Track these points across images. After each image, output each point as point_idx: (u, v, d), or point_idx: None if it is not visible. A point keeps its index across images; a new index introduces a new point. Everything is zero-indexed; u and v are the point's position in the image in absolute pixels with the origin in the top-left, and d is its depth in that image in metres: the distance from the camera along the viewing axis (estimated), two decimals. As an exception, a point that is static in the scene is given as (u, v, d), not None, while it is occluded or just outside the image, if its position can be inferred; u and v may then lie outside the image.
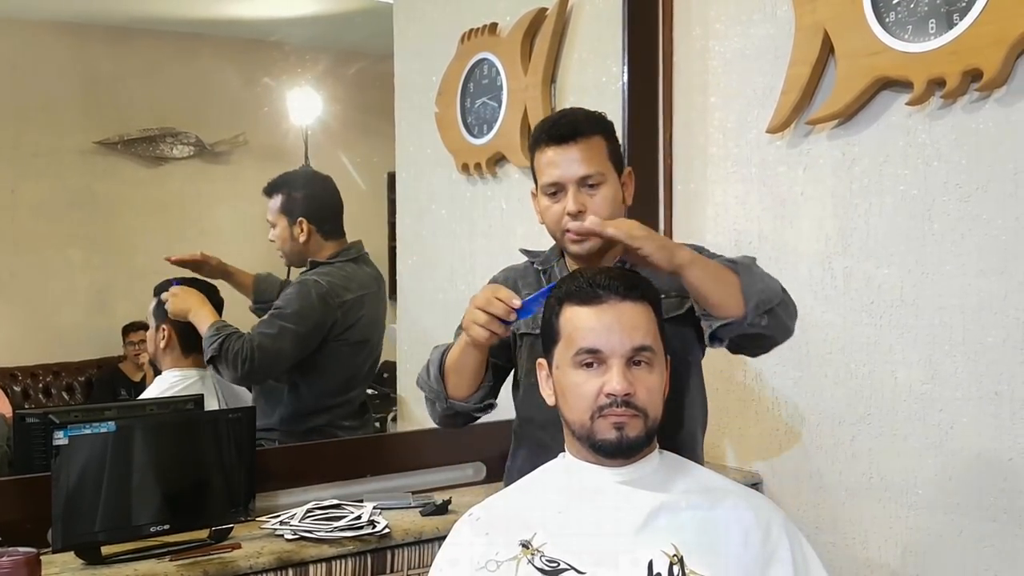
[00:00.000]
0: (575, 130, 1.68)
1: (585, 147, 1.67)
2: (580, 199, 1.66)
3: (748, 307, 1.57)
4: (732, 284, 1.58)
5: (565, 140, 1.67)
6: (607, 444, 1.38)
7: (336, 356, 2.48)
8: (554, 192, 1.68)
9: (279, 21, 3.57)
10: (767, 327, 1.60)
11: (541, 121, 1.77)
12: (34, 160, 3.14)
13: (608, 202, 1.68)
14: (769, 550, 1.39)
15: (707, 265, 1.59)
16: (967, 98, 1.98)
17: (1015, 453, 1.93)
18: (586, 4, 2.74)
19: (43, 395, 3.16)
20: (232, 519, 1.91)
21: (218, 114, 3.44)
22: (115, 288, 3.30)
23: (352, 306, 2.48)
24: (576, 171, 1.66)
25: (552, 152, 1.68)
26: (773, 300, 1.60)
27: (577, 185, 1.66)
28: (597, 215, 1.64)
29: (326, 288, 2.44)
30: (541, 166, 1.70)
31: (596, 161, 1.68)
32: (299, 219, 2.51)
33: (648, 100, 2.60)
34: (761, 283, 1.61)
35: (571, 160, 1.67)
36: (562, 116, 1.75)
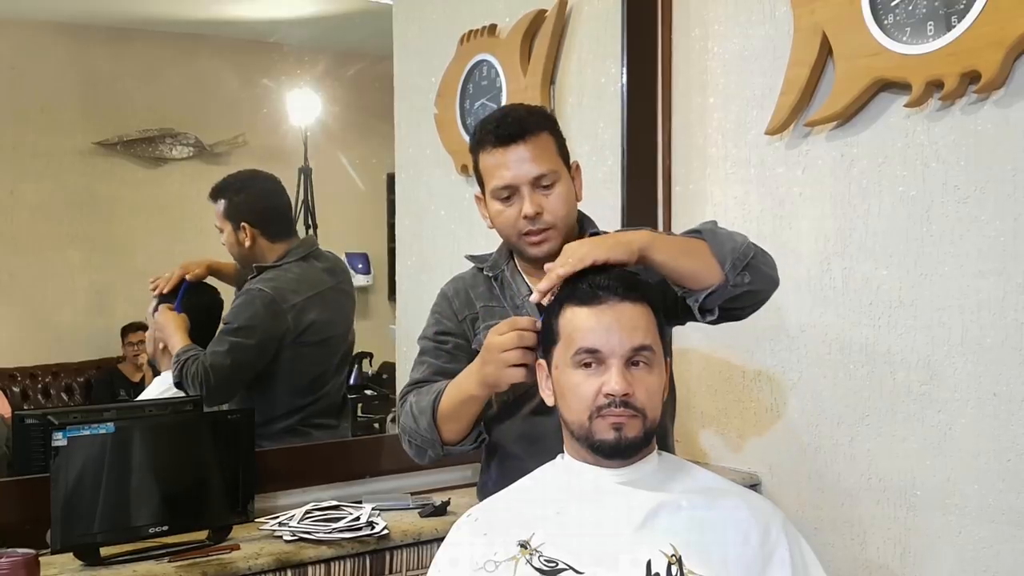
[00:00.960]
0: (522, 128, 1.62)
1: (534, 145, 1.62)
2: (536, 200, 1.61)
3: (725, 269, 1.53)
4: (701, 251, 1.54)
5: (513, 139, 1.61)
6: (606, 444, 1.38)
7: (296, 359, 2.42)
8: (507, 196, 1.63)
9: (278, 22, 3.57)
10: (751, 283, 1.56)
11: (482, 121, 1.69)
12: (33, 161, 3.14)
13: (563, 200, 1.63)
14: (768, 551, 1.40)
15: (669, 241, 1.57)
16: (965, 100, 1.98)
17: (1014, 454, 1.93)
18: (585, 5, 2.74)
19: (42, 396, 3.16)
20: (231, 520, 1.90)
21: (217, 115, 3.44)
22: (114, 289, 3.30)
23: (303, 308, 2.42)
24: (529, 171, 1.61)
25: (500, 153, 1.62)
26: (747, 254, 1.56)
27: (531, 186, 1.61)
28: (554, 214, 1.62)
29: (271, 295, 2.38)
30: (489, 168, 1.65)
31: (547, 159, 1.62)
32: (242, 224, 2.45)
33: (647, 101, 2.61)
34: (730, 242, 1.56)
35: (521, 160, 1.61)
36: (506, 114, 1.68)
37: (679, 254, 1.54)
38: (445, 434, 1.64)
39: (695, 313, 1.60)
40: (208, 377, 2.27)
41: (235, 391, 2.40)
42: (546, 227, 1.63)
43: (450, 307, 1.77)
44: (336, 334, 2.55)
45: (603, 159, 2.69)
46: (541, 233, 1.64)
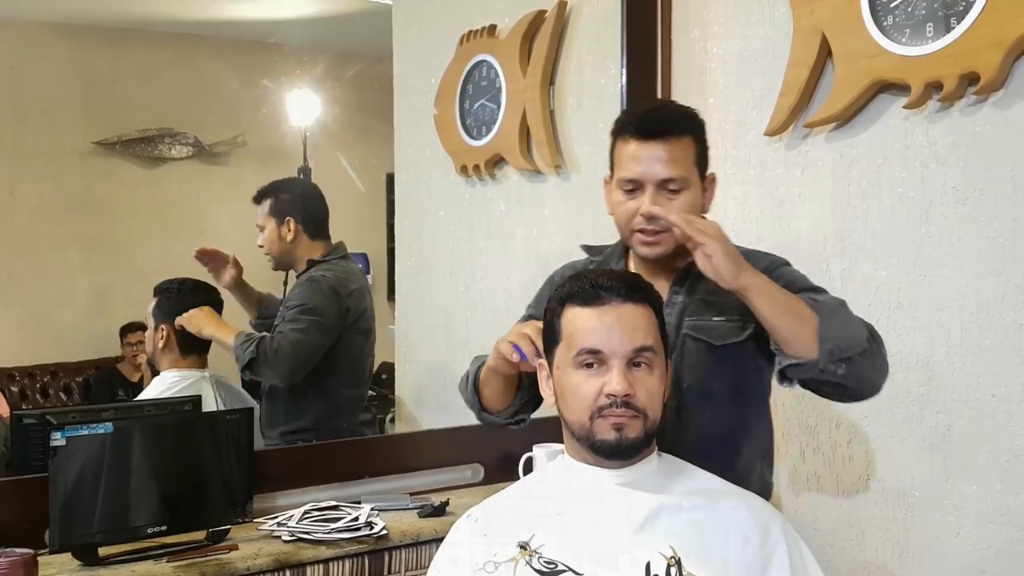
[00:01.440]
0: (665, 128, 1.58)
1: (673, 147, 1.57)
2: (658, 202, 1.57)
3: (821, 351, 1.44)
4: (807, 322, 1.46)
5: (653, 136, 1.57)
6: (606, 445, 1.38)
7: (352, 346, 2.59)
8: (631, 189, 1.59)
9: (278, 22, 3.56)
10: (844, 377, 1.47)
11: (629, 110, 1.67)
12: (32, 161, 3.14)
13: (687, 208, 1.58)
14: (767, 552, 1.40)
15: (778, 295, 1.48)
16: (964, 101, 1.98)
17: (1012, 455, 1.93)
18: (585, 6, 2.75)
19: (41, 396, 3.16)
20: (230, 520, 1.91)
21: (217, 115, 3.44)
22: (113, 289, 3.30)
23: (357, 296, 2.60)
24: (659, 172, 1.57)
25: (636, 146, 1.58)
26: (853, 349, 1.46)
27: (657, 187, 1.57)
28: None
29: (333, 280, 2.55)
30: (621, 158, 1.61)
31: (681, 164, 1.58)
32: (287, 218, 2.61)
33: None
34: (843, 329, 1.46)
35: (655, 159, 1.57)
36: (655, 109, 1.66)
37: (780, 311, 1.47)
38: (484, 400, 1.71)
39: (775, 372, 1.56)
40: (290, 353, 2.43)
41: (309, 368, 2.51)
42: (662, 229, 1.58)
43: (550, 290, 1.74)
44: (373, 328, 2.70)
45: (603, 160, 2.67)
46: (655, 235, 1.59)
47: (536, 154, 2.84)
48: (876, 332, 1.55)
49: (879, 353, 1.52)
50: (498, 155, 2.94)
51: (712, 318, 1.63)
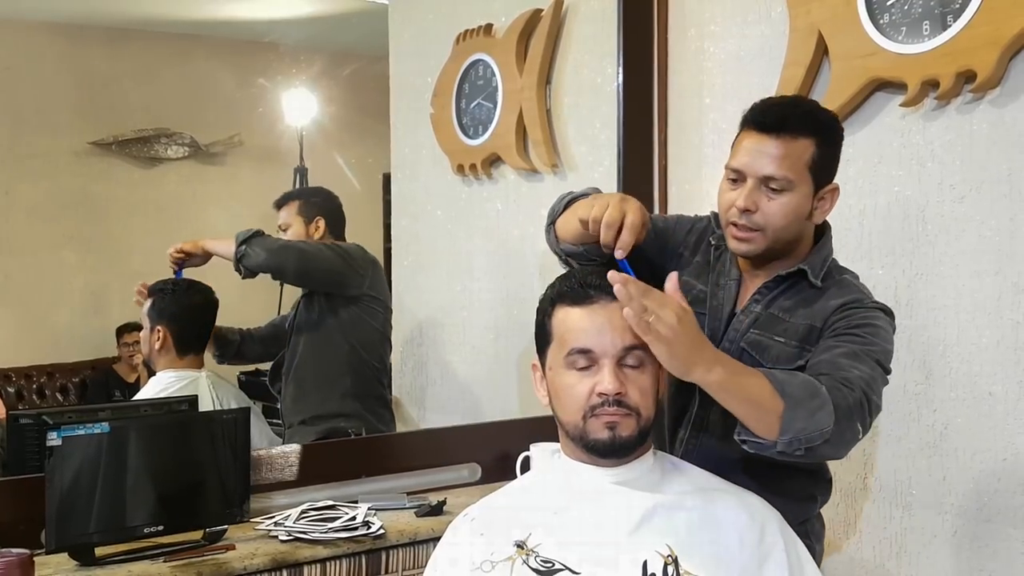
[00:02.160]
0: (782, 124, 1.51)
1: (785, 145, 1.51)
2: (755, 197, 1.52)
3: (780, 441, 1.35)
4: (770, 413, 1.35)
5: (767, 130, 1.52)
6: (600, 444, 1.38)
7: (374, 315, 2.69)
8: (735, 179, 1.55)
9: (274, 22, 3.56)
10: (803, 457, 1.39)
11: (762, 100, 1.60)
12: (28, 161, 3.13)
13: (786, 212, 1.52)
14: (764, 551, 1.40)
15: (736, 388, 1.35)
16: (961, 99, 1.99)
17: (1009, 454, 1.93)
18: (581, 5, 2.75)
19: (37, 396, 3.15)
20: (226, 520, 1.90)
21: (213, 115, 3.43)
22: (109, 289, 3.29)
23: (376, 269, 2.72)
24: (763, 167, 1.51)
25: (749, 138, 1.54)
26: (814, 440, 1.36)
27: (758, 181, 1.52)
28: (767, 219, 1.52)
29: (354, 247, 2.68)
30: (736, 145, 1.57)
31: (790, 164, 1.51)
32: (316, 218, 2.70)
33: (643, 101, 2.61)
34: (806, 421, 1.35)
35: (763, 153, 1.51)
36: (779, 104, 1.59)
37: (741, 402, 1.36)
38: (560, 221, 1.69)
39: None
40: (290, 243, 2.59)
41: (299, 270, 2.61)
42: (754, 228, 1.54)
43: (690, 227, 1.76)
44: (389, 308, 2.79)
45: (599, 159, 2.70)
46: (747, 231, 1.54)
47: (533, 153, 2.84)
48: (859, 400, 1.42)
49: (849, 428, 1.41)
50: (495, 154, 2.94)
51: (774, 337, 1.58)
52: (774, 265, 1.61)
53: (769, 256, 1.58)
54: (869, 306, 1.59)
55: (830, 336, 1.53)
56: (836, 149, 1.58)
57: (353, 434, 2.56)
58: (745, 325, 1.62)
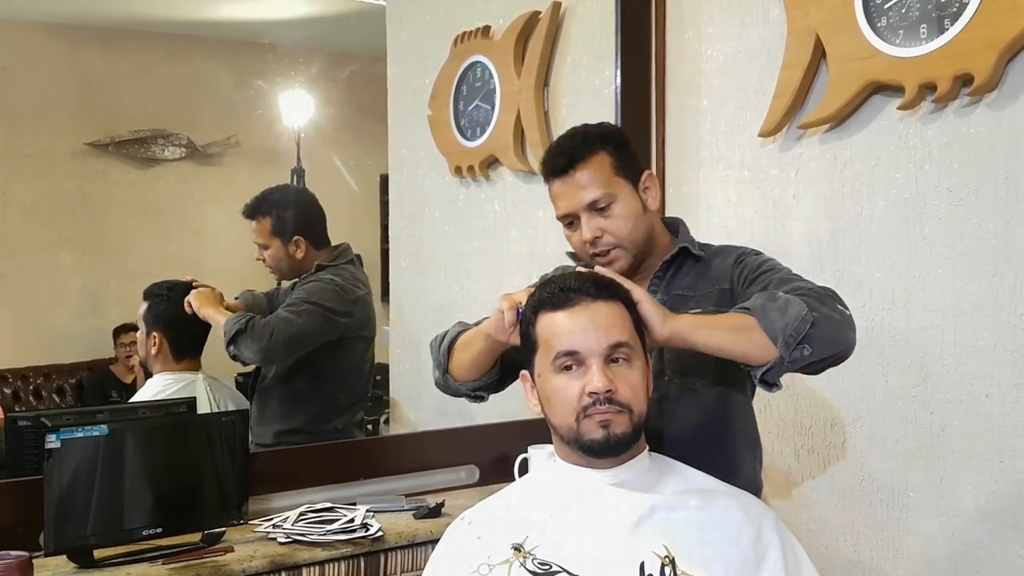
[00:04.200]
0: (571, 158, 1.65)
1: (585, 172, 1.64)
2: (594, 224, 1.65)
3: (779, 347, 1.44)
4: (751, 329, 1.45)
5: (564, 171, 1.66)
6: (595, 443, 1.38)
7: (353, 352, 2.57)
8: (570, 223, 1.69)
9: (272, 23, 3.56)
10: (813, 354, 1.46)
11: (544, 154, 1.74)
12: (25, 162, 3.13)
13: (625, 217, 1.66)
14: (760, 551, 1.40)
15: (717, 322, 1.50)
16: (958, 102, 1.99)
17: (1006, 456, 1.94)
18: (579, 7, 2.75)
19: (33, 397, 3.15)
20: (225, 522, 1.90)
21: (210, 116, 3.43)
22: (106, 290, 3.29)
23: (361, 303, 2.58)
24: (581, 199, 1.64)
25: (556, 185, 1.68)
26: (802, 328, 1.44)
27: (588, 212, 1.65)
28: (615, 234, 1.65)
29: (341, 284, 2.53)
30: (551, 199, 1.70)
31: (599, 182, 1.64)
32: (295, 238, 2.56)
33: (641, 103, 2.61)
34: (782, 317, 1.45)
35: (574, 188, 1.65)
36: (558, 145, 1.71)
37: (725, 333, 1.48)
38: (452, 363, 1.69)
39: (758, 386, 1.56)
40: (276, 332, 2.38)
41: (292, 354, 2.49)
42: (609, 247, 1.67)
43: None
44: (374, 335, 2.69)
45: (597, 161, 2.69)
46: (607, 254, 1.67)
47: (530, 155, 2.84)
48: (821, 292, 1.53)
49: (832, 311, 1.50)
50: (492, 156, 2.94)
51: (690, 311, 1.64)
52: (648, 265, 1.71)
53: (639, 262, 1.70)
54: (755, 252, 1.74)
55: (746, 286, 1.65)
56: (628, 147, 1.71)
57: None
58: None
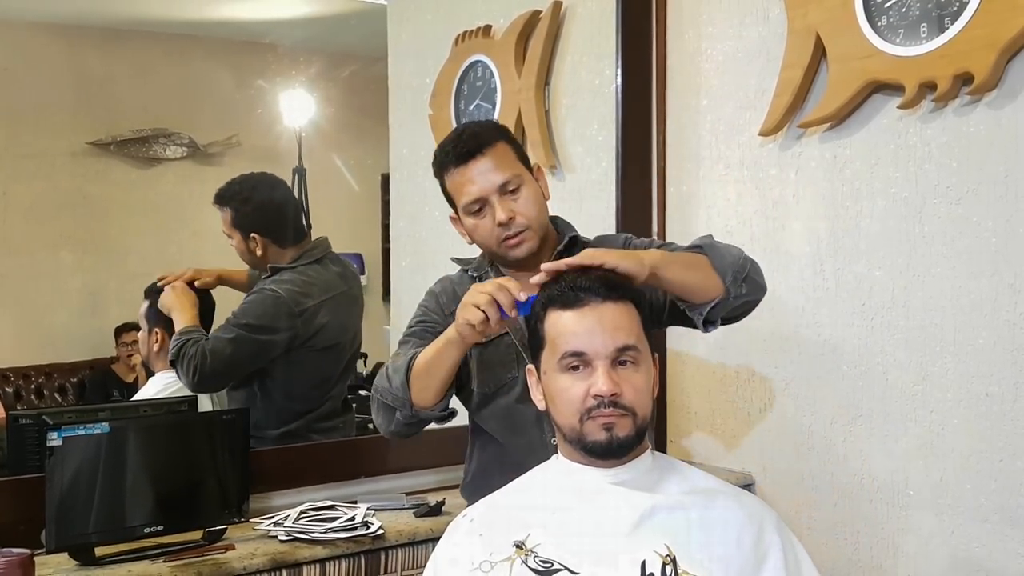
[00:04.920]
0: (479, 143, 1.69)
1: (493, 155, 1.68)
2: (506, 206, 1.67)
3: (727, 282, 1.62)
4: (703, 266, 1.62)
5: (472, 155, 1.68)
6: (598, 445, 1.38)
7: (303, 364, 2.42)
8: (479, 208, 1.69)
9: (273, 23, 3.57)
10: (748, 293, 1.65)
11: (439, 146, 1.75)
12: (26, 162, 3.13)
13: (532, 201, 1.70)
14: (761, 551, 1.40)
15: (675, 258, 1.62)
16: (958, 101, 1.99)
17: (1006, 454, 1.94)
18: (580, 7, 2.75)
19: (35, 396, 3.15)
20: (226, 520, 1.90)
21: (211, 115, 3.44)
22: (107, 289, 3.30)
23: (314, 313, 2.40)
24: (493, 181, 1.67)
25: (463, 171, 1.69)
26: (745, 266, 1.65)
27: (499, 194, 1.67)
28: (526, 215, 1.68)
29: (284, 297, 2.36)
30: (456, 187, 1.71)
31: (508, 165, 1.69)
32: (251, 234, 2.44)
33: (641, 102, 2.61)
34: (728, 256, 1.65)
35: (484, 172, 1.68)
36: (460, 134, 1.74)
37: (684, 270, 1.60)
38: (415, 394, 1.65)
39: (699, 325, 1.67)
40: (205, 361, 2.26)
41: (225, 383, 2.40)
42: (521, 229, 1.69)
43: (437, 303, 1.83)
44: (344, 340, 2.53)
45: (598, 160, 2.70)
46: (518, 235, 1.69)
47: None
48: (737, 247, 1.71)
49: (752, 259, 1.68)
50: (493, 155, 2.94)
51: None
52: (539, 258, 1.70)
53: (539, 250, 1.72)
54: (632, 236, 1.83)
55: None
56: (517, 141, 1.77)
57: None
58: None
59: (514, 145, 1.74)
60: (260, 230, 2.43)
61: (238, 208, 2.46)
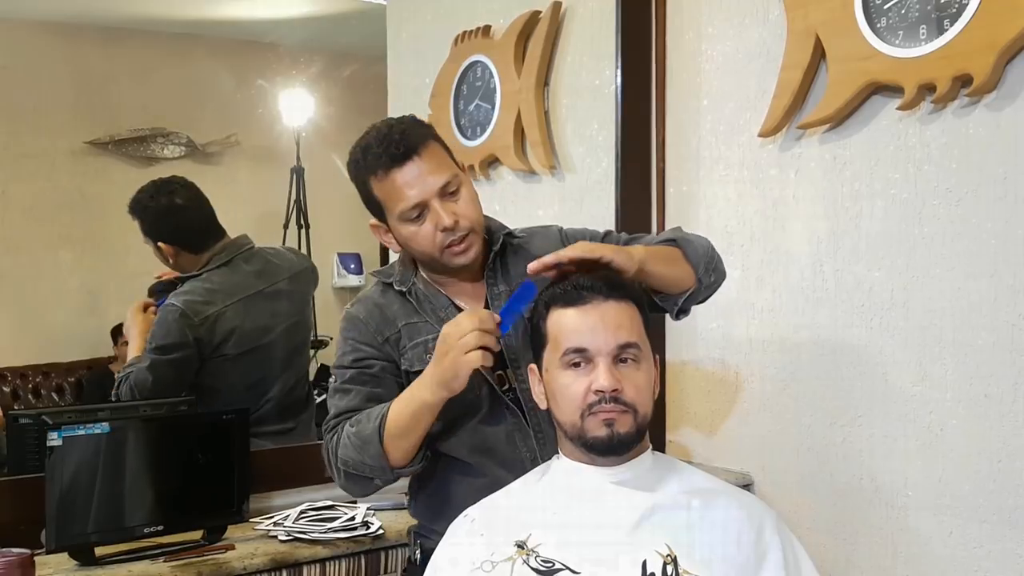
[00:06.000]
0: (412, 143, 1.55)
1: (429, 156, 1.55)
2: (449, 209, 1.55)
3: (699, 273, 1.64)
4: (679, 259, 1.64)
5: (408, 156, 1.54)
6: (599, 442, 1.39)
7: (224, 372, 2.38)
8: (418, 215, 1.56)
9: (272, 22, 3.56)
10: (715, 281, 1.69)
11: (361, 148, 1.59)
12: (24, 161, 3.12)
13: (473, 202, 1.59)
14: (761, 550, 1.40)
15: (657, 253, 1.61)
16: (957, 103, 2.00)
17: (1004, 455, 1.95)
18: (579, 7, 2.75)
19: (33, 396, 3.14)
20: (226, 520, 1.91)
21: (210, 115, 3.43)
22: (106, 289, 3.29)
23: (218, 320, 2.36)
24: (434, 183, 1.54)
25: (396, 175, 1.54)
26: (712, 256, 1.68)
27: (440, 197, 1.55)
28: (469, 218, 1.57)
29: (181, 310, 2.33)
30: (389, 193, 1.56)
31: (446, 165, 1.57)
32: (158, 244, 2.42)
33: (641, 103, 2.62)
34: (700, 247, 1.66)
35: (422, 175, 1.54)
36: (387, 134, 1.57)
37: (665, 264, 1.61)
38: (393, 457, 1.54)
39: (672, 315, 1.70)
40: (134, 395, 2.26)
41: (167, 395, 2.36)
42: (466, 232, 1.58)
43: (366, 330, 1.64)
44: (267, 341, 2.46)
45: (597, 161, 2.70)
46: (463, 241, 1.58)
47: (531, 155, 2.85)
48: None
49: (713, 245, 1.71)
50: (492, 156, 2.94)
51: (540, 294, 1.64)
52: (472, 265, 1.63)
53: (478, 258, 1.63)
54: (561, 227, 1.78)
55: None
56: (441, 138, 1.64)
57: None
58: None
59: (442, 143, 1.61)
60: (165, 238, 2.41)
61: (142, 218, 2.44)
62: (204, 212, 2.49)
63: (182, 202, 2.49)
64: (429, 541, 1.62)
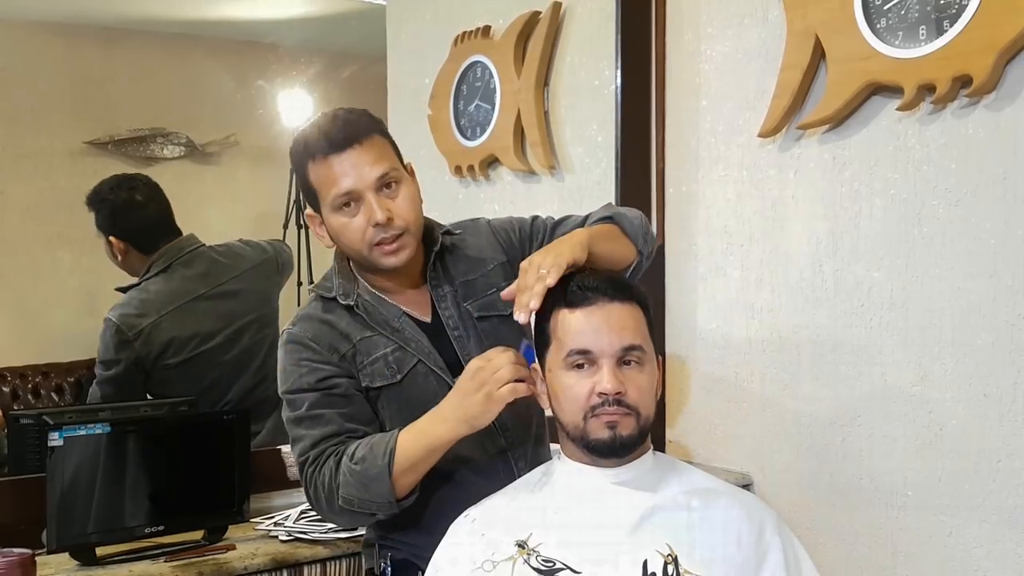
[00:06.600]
0: (354, 131, 1.50)
1: (370, 146, 1.50)
2: (383, 204, 1.49)
3: (639, 245, 1.63)
4: (619, 235, 1.62)
5: (349, 143, 1.49)
6: (601, 443, 1.39)
7: (172, 380, 2.36)
8: (347, 203, 1.49)
9: (272, 23, 3.56)
10: (652, 251, 1.68)
11: (303, 132, 1.54)
12: (23, 161, 3.12)
13: (412, 201, 1.53)
14: (762, 550, 1.41)
15: (599, 232, 1.58)
16: (957, 103, 2.00)
17: (1004, 455, 1.95)
18: (579, 7, 2.76)
19: (32, 396, 3.14)
20: (226, 520, 1.91)
21: (209, 115, 3.44)
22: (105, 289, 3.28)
23: (152, 332, 2.33)
24: (370, 174, 1.48)
25: (334, 160, 1.48)
26: (646, 226, 1.66)
27: (375, 190, 1.49)
28: (405, 218, 1.51)
29: (117, 326, 2.32)
30: (323, 179, 1.49)
31: (386, 158, 1.51)
32: (109, 238, 2.39)
33: (641, 103, 2.62)
34: (635, 219, 1.65)
35: (359, 163, 1.48)
36: (332, 120, 1.52)
37: (608, 242, 1.57)
38: (400, 492, 1.48)
39: None
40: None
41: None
42: (399, 232, 1.52)
43: (319, 348, 1.55)
44: (213, 345, 2.42)
45: (597, 161, 2.71)
46: (396, 240, 1.52)
47: (530, 155, 2.85)
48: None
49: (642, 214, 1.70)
50: (492, 156, 2.95)
51: (486, 293, 1.63)
52: (413, 270, 1.59)
53: (412, 258, 1.56)
54: (512, 217, 1.77)
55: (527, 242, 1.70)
56: (390, 136, 1.58)
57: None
58: (459, 315, 1.62)
59: (390, 140, 1.56)
60: (117, 233, 2.39)
61: (98, 209, 2.41)
62: (162, 212, 2.46)
63: (141, 199, 2.47)
64: (399, 552, 1.61)
